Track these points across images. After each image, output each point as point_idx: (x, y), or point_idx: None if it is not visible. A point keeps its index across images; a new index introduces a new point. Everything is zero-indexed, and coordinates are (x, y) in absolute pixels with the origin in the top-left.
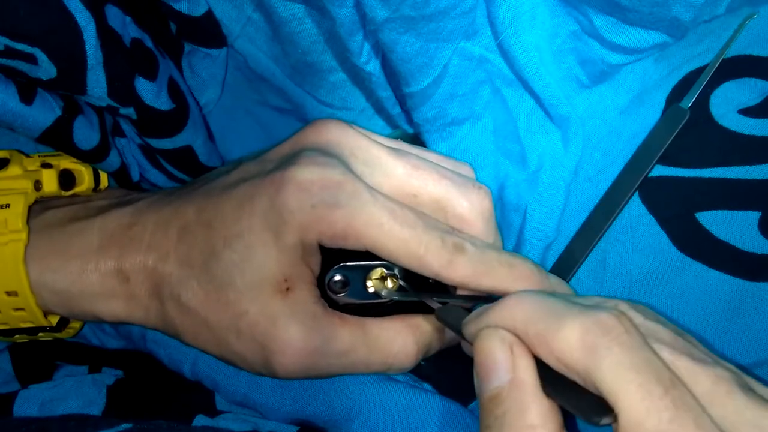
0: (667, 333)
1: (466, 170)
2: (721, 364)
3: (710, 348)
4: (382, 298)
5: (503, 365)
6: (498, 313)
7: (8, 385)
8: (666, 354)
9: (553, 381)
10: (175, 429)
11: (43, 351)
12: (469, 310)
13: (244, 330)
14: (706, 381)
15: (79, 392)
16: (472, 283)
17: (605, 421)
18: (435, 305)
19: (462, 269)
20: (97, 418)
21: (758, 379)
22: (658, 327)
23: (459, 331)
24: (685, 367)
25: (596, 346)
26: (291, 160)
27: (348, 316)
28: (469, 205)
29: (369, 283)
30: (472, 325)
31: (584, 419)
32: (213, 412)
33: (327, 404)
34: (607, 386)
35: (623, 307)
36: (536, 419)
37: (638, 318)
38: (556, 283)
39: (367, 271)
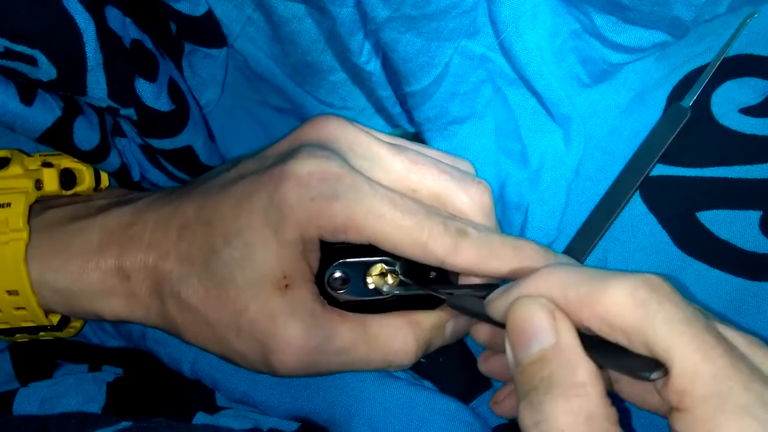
0: (694, 304)
1: (466, 166)
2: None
3: None
4: (382, 295)
5: (546, 329)
6: (533, 282)
7: (8, 385)
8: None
9: (594, 346)
10: (175, 427)
11: (43, 350)
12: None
13: (244, 327)
14: (743, 343)
15: (78, 389)
16: (479, 267)
17: (655, 375)
18: (443, 295)
19: (467, 254)
20: (96, 416)
21: None
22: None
23: (478, 313)
24: (722, 330)
25: (648, 302)
26: (289, 155)
27: (348, 313)
28: (469, 200)
29: (369, 280)
30: (501, 300)
31: (633, 376)
32: (213, 408)
33: (327, 401)
34: (661, 340)
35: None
36: (585, 377)
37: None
38: (565, 261)
39: (367, 267)
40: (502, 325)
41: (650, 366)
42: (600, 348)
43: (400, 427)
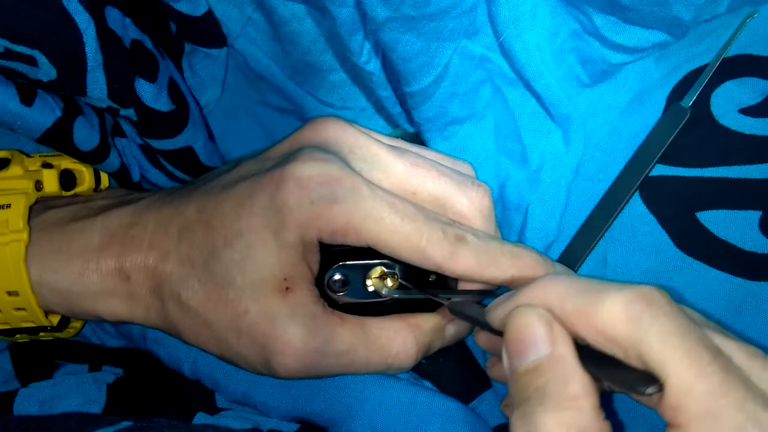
0: (695, 313)
1: (466, 168)
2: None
3: None
4: (382, 297)
5: (543, 339)
6: (531, 292)
7: (8, 384)
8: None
9: (590, 357)
10: (175, 427)
11: (43, 350)
12: (480, 304)
13: (244, 330)
14: (742, 355)
15: (79, 390)
16: (476, 274)
17: (650, 390)
18: (443, 300)
19: (465, 260)
20: (97, 416)
21: None
22: (685, 308)
23: (477, 320)
24: (720, 342)
25: (642, 315)
26: (290, 157)
27: (348, 315)
28: (469, 203)
29: (369, 282)
30: (500, 308)
31: (628, 391)
32: (213, 409)
33: (327, 402)
34: (654, 354)
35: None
36: (578, 389)
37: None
38: (562, 271)
39: (366, 270)
40: (500, 333)
41: (645, 380)
42: (596, 360)
43: (401, 427)
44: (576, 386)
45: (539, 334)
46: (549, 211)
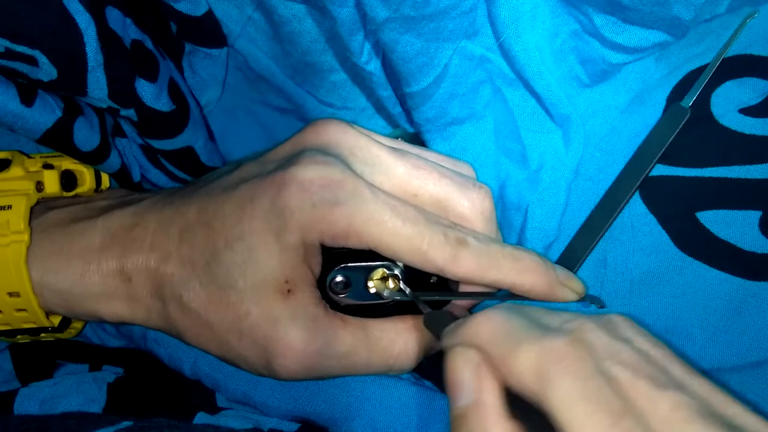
0: (631, 354)
1: (467, 170)
2: (685, 388)
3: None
4: (383, 299)
5: (468, 386)
6: (466, 331)
7: (9, 384)
8: (626, 377)
9: (517, 402)
10: (176, 427)
11: (43, 350)
12: (456, 318)
13: (245, 332)
14: (665, 406)
15: (79, 390)
16: (477, 277)
17: None
18: (426, 310)
19: (466, 263)
20: (97, 416)
21: (740, 398)
22: (622, 347)
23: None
24: (644, 391)
25: (548, 374)
26: (291, 160)
27: (349, 317)
28: (470, 205)
29: (370, 284)
30: (446, 339)
31: None
32: (214, 409)
33: (328, 402)
34: (558, 415)
35: (589, 326)
36: None
37: (603, 338)
38: (563, 274)
39: (368, 271)
40: None
41: None
42: (524, 406)
43: (401, 427)
44: None
45: (465, 381)
46: (549, 211)
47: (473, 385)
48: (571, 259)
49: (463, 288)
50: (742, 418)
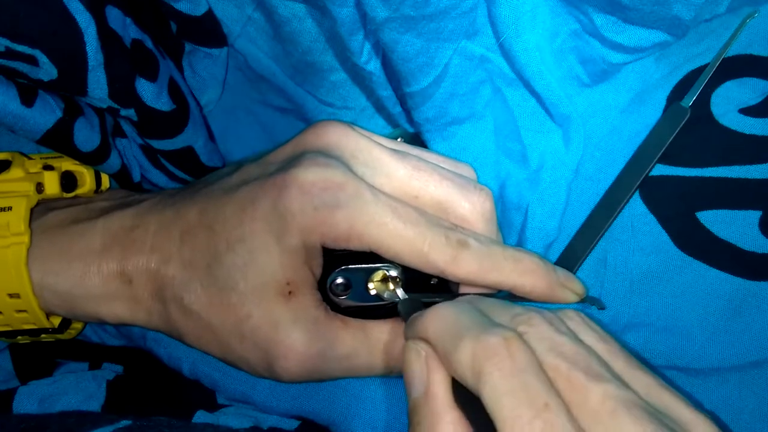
0: (571, 347)
1: (467, 171)
2: (621, 380)
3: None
4: (384, 301)
5: (418, 378)
6: (419, 325)
7: (8, 383)
8: (563, 369)
9: (464, 394)
10: (175, 426)
11: (43, 349)
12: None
13: (246, 334)
14: (595, 398)
15: (78, 387)
16: (478, 278)
17: None
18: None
19: (467, 265)
20: (96, 414)
21: (681, 391)
22: (563, 341)
23: None
24: (579, 383)
25: (481, 370)
26: (292, 162)
27: (350, 319)
28: (471, 207)
29: (371, 286)
30: (406, 331)
31: None
32: (213, 407)
33: (327, 402)
34: (489, 409)
35: (536, 320)
36: (449, 429)
37: (546, 332)
38: (563, 276)
39: (369, 273)
40: None
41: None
42: (467, 396)
43: (401, 427)
44: (446, 426)
45: (416, 373)
46: (549, 211)
47: (423, 376)
48: (571, 258)
49: (463, 289)
50: (676, 411)
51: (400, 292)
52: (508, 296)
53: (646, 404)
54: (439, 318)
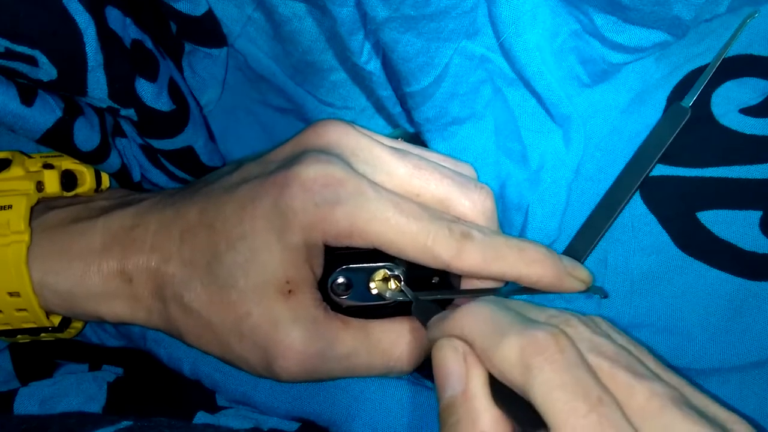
0: (611, 347)
1: (468, 170)
2: (660, 379)
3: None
4: (385, 300)
5: (456, 376)
6: (452, 322)
7: (8, 384)
8: (606, 367)
9: (502, 391)
10: (176, 427)
11: (43, 349)
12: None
13: (246, 333)
14: (641, 395)
15: (79, 389)
16: (483, 270)
17: None
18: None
19: (472, 256)
20: (97, 415)
21: (708, 393)
22: (602, 341)
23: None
24: (623, 381)
25: (530, 365)
26: (293, 160)
27: (350, 319)
28: (471, 205)
29: (372, 285)
30: (432, 330)
31: (521, 430)
32: (214, 408)
33: (328, 403)
34: (539, 403)
35: (573, 321)
36: (487, 427)
37: (585, 332)
38: (569, 264)
39: (370, 273)
40: None
41: (540, 423)
42: (507, 394)
43: (401, 428)
44: (485, 423)
45: (453, 370)
46: (549, 211)
47: (461, 374)
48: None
49: (467, 283)
50: (712, 411)
51: (408, 291)
52: (511, 291)
53: (689, 401)
54: (476, 315)
